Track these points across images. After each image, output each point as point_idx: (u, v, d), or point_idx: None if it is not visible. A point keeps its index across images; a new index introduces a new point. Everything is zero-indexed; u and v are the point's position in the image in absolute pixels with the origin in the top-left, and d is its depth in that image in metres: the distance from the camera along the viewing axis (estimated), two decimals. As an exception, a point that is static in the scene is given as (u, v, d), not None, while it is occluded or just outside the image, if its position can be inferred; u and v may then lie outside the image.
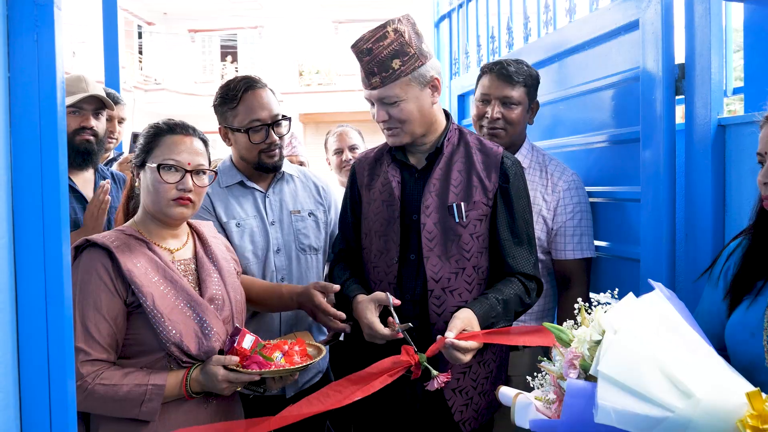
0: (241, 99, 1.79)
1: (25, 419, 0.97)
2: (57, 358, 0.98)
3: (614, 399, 0.90)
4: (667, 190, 1.70)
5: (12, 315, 0.96)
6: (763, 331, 1.09)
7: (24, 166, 0.97)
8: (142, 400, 1.33)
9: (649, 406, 0.89)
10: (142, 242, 1.45)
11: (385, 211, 1.65)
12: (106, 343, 1.36)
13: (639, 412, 0.89)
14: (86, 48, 11.51)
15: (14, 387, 0.96)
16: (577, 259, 1.94)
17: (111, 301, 1.37)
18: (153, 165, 1.44)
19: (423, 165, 1.66)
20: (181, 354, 1.39)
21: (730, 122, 1.59)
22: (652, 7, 1.71)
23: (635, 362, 0.92)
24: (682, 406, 0.88)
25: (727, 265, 1.24)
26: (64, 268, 0.99)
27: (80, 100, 1.97)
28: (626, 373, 0.91)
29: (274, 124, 1.82)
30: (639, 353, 0.93)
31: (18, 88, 0.97)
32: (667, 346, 0.94)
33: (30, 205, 0.97)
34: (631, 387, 0.90)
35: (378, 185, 1.70)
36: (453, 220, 1.58)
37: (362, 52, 1.56)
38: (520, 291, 1.60)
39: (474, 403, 1.62)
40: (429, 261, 1.58)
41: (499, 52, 2.75)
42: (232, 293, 1.54)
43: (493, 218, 1.61)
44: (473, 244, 1.59)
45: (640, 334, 0.95)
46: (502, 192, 1.61)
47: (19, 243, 0.97)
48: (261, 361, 1.40)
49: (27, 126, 0.97)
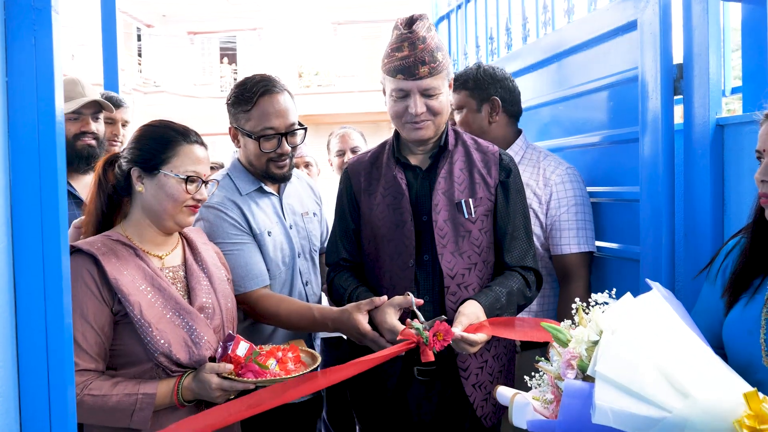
0: (257, 103, 1.68)
1: (24, 423, 0.97)
2: (56, 361, 0.98)
3: (612, 399, 0.90)
4: (667, 189, 1.70)
5: (11, 319, 0.96)
6: (760, 329, 1.10)
7: (22, 170, 0.97)
8: (133, 410, 1.31)
9: (646, 407, 0.89)
10: (129, 248, 1.41)
11: (393, 215, 1.62)
12: (93, 352, 1.33)
13: (636, 412, 0.89)
14: (85, 51, 11.52)
15: (14, 391, 0.96)
16: (575, 254, 1.92)
17: (98, 309, 1.33)
18: (174, 175, 1.42)
19: (427, 164, 1.66)
20: (170, 364, 1.36)
21: (728, 122, 1.59)
22: (650, 7, 1.71)
23: (633, 363, 0.92)
24: (679, 406, 0.88)
25: (725, 263, 1.24)
26: (63, 272, 0.99)
27: (80, 106, 1.98)
28: (624, 374, 0.91)
29: (288, 134, 1.72)
30: (636, 353, 0.93)
31: (16, 92, 0.97)
32: (665, 346, 0.94)
33: (28, 208, 0.97)
34: (628, 387, 0.90)
35: (380, 189, 1.66)
36: (462, 216, 1.60)
37: (419, 39, 1.52)
38: (522, 284, 1.63)
39: (492, 398, 1.63)
40: (443, 258, 1.58)
41: (498, 52, 2.75)
42: (223, 301, 1.51)
43: (494, 213, 1.64)
44: (482, 239, 1.62)
45: (638, 334, 0.95)
46: (503, 187, 1.65)
47: (17, 247, 0.97)
48: (257, 370, 1.36)
49: (25, 129, 0.97)
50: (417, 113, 1.55)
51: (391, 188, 1.64)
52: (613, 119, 2.00)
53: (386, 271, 1.63)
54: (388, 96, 1.62)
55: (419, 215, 1.62)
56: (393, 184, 1.64)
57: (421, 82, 1.53)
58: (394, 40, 1.56)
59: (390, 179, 1.65)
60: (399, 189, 1.63)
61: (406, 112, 1.57)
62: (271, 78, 1.74)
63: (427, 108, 1.56)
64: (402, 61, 1.53)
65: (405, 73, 1.53)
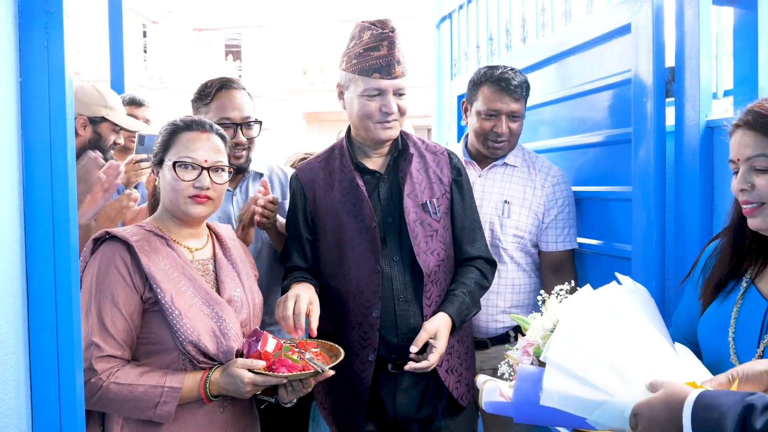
0: (215, 96, 1.82)
1: (35, 407, 1.02)
2: (66, 351, 1.02)
3: (559, 383, 0.96)
4: (658, 190, 1.74)
5: (23, 309, 1.00)
6: (729, 327, 1.13)
7: (34, 166, 1.01)
8: (157, 402, 1.29)
9: (590, 390, 0.94)
10: (161, 239, 1.42)
11: (354, 221, 1.63)
12: (121, 338, 1.32)
13: (580, 395, 0.95)
14: (91, 46, 11.57)
15: (25, 376, 1.00)
16: (566, 250, 2.05)
17: (128, 296, 1.33)
18: (169, 163, 1.42)
19: (386, 167, 1.69)
20: (197, 354, 1.34)
21: (718, 124, 1.63)
22: (644, 11, 1.75)
23: (581, 349, 0.97)
24: (621, 391, 0.93)
25: (707, 264, 1.28)
26: (72, 265, 1.03)
27: None
28: (571, 359, 0.96)
29: (243, 125, 1.83)
30: (586, 341, 0.98)
31: (29, 92, 1.01)
32: (616, 335, 0.99)
33: (40, 203, 1.01)
34: (575, 372, 0.95)
35: (337, 196, 1.66)
36: (429, 216, 1.66)
37: (393, 42, 1.57)
38: (479, 277, 1.72)
39: (464, 378, 1.72)
40: (420, 258, 1.63)
41: (498, 53, 2.78)
42: (250, 295, 1.51)
43: (452, 210, 1.72)
44: (446, 235, 1.70)
45: (590, 323, 1.00)
46: (457, 185, 1.73)
47: (29, 240, 1.01)
48: (290, 364, 1.36)
49: (37, 128, 1.01)
50: (392, 111, 1.59)
51: (349, 194, 1.65)
52: (607, 120, 2.04)
53: (352, 278, 1.64)
54: (355, 96, 1.62)
55: (384, 218, 1.66)
56: (351, 190, 1.65)
57: (396, 81, 1.58)
58: (367, 40, 1.57)
59: (347, 185, 1.66)
60: (359, 194, 1.63)
61: (378, 112, 1.60)
62: (231, 78, 1.89)
63: (398, 108, 1.61)
64: (379, 60, 1.56)
65: (382, 72, 1.56)
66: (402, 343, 1.62)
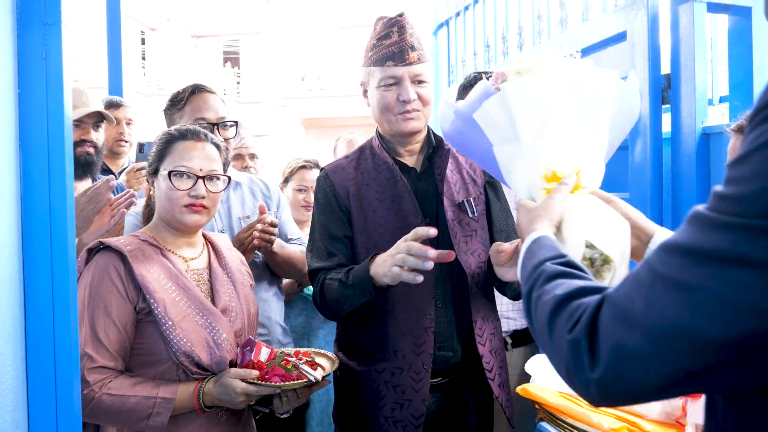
0: (188, 100, 1.84)
1: (32, 420, 1.02)
2: (63, 360, 1.02)
3: (492, 109, 1.06)
4: (655, 196, 1.75)
5: (21, 320, 1.00)
6: None
7: (32, 177, 1.01)
8: (150, 413, 1.27)
9: (509, 129, 1.06)
10: (156, 248, 1.41)
11: (394, 219, 1.52)
12: (114, 349, 1.31)
13: (502, 128, 1.07)
14: (90, 53, 11.61)
15: (23, 389, 1.00)
16: None
17: (122, 306, 1.32)
18: (164, 172, 1.42)
19: (422, 165, 1.59)
20: (191, 364, 1.33)
21: (713, 130, 1.64)
22: (639, 18, 1.76)
23: (531, 99, 1.04)
24: (531, 143, 1.05)
25: None
26: (69, 275, 1.03)
27: (82, 115, 2.04)
28: (516, 102, 1.04)
29: (219, 125, 1.83)
30: (536, 96, 1.04)
31: (27, 103, 1.01)
32: (567, 110, 1.04)
33: (38, 214, 1.01)
34: (511, 110, 1.05)
35: (373, 194, 1.56)
36: (467, 216, 1.55)
37: (408, 25, 1.49)
38: None
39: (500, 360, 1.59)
40: (462, 259, 1.51)
41: (495, 60, 2.80)
42: (245, 305, 1.49)
43: (489, 211, 1.61)
44: (485, 237, 1.58)
45: (553, 86, 1.04)
46: (491, 186, 1.62)
47: (27, 251, 1.01)
48: (283, 374, 1.34)
49: (35, 138, 1.01)
50: (409, 99, 1.48)
51: (387, 191, 1.55)
52: (604, 127, 2.04)
53: None
54: (374, 89, 1.53)
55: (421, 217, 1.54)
56: (389, 187, 1.55)
57: (411, 67, 1.48)
58: (380, 29, 1.51)
59: (383, 182, 1.56)
60: (399, 190, 1.53)
61: (396, 102, 1.49)
62: (200, 83, 1.92)
63: (417, 96, 1.49)
64: (391, 47, 1.48)
65: (395, 59, 1.48)
66: (438, 352, 1.50)
